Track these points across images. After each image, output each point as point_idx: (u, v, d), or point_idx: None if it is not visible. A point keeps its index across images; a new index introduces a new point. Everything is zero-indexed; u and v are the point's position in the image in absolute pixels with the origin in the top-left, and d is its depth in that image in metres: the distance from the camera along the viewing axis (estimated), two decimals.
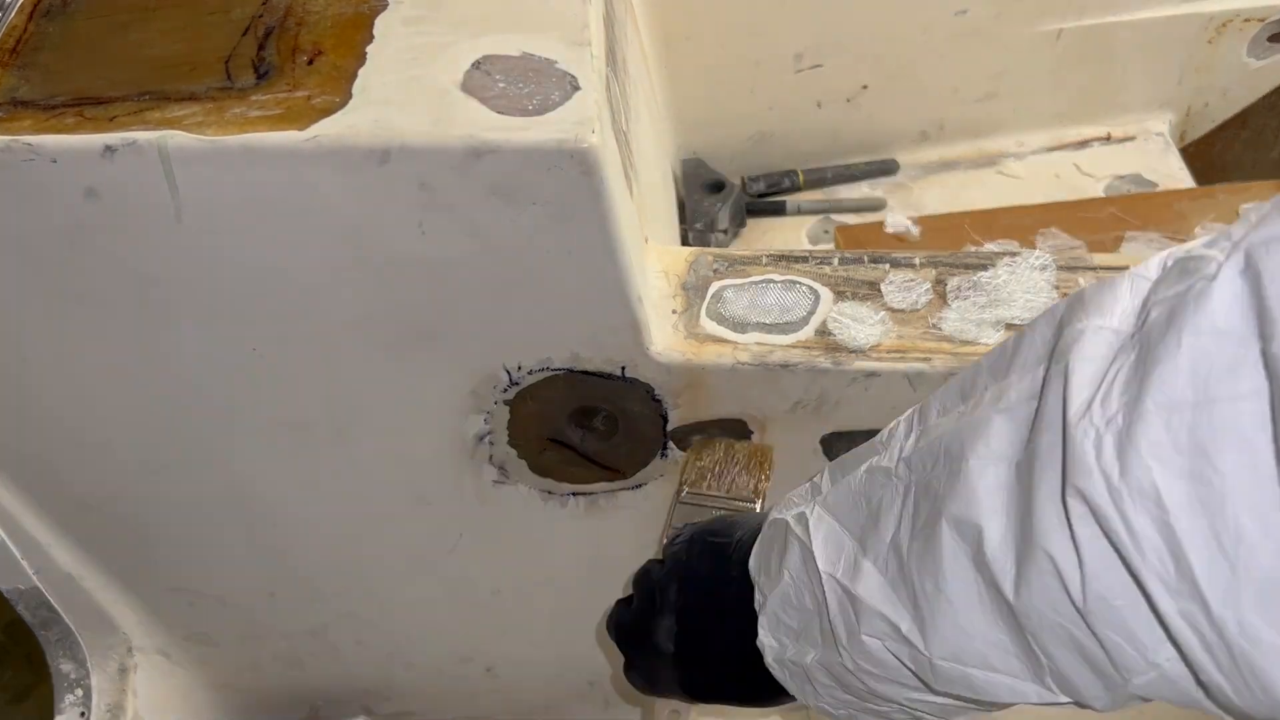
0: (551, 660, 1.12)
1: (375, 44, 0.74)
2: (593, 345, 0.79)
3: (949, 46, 1.43)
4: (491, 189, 0.69)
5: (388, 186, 0.69)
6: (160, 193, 0.69)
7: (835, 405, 0.83)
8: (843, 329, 0.80)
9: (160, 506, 0.93)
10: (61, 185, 0.69)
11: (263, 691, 1.15)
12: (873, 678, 0.49)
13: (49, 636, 1.04)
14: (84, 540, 0.97)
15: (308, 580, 1.02)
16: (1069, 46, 1.46)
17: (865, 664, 0.49)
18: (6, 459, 0.89)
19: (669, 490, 0.91)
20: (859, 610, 0.48)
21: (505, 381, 0.82)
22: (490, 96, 0.70)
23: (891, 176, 1.56)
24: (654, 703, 1.15)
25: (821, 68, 1.44)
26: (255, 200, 0.70)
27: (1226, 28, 1.46)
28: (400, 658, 1.11)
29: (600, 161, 0.68)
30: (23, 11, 0.78)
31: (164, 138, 0.67)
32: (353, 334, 0.79)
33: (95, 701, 1.07)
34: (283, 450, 0.88)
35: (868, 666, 0.49)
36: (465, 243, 0.72)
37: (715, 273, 0.86)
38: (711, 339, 0.81)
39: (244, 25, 0.76)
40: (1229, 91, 1.53)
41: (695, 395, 0.83)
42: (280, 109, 0.69)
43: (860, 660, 0.49)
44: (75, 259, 0.73)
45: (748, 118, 1.49)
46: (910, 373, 0.80)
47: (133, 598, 1.04)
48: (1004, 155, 1.56)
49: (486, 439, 0.87)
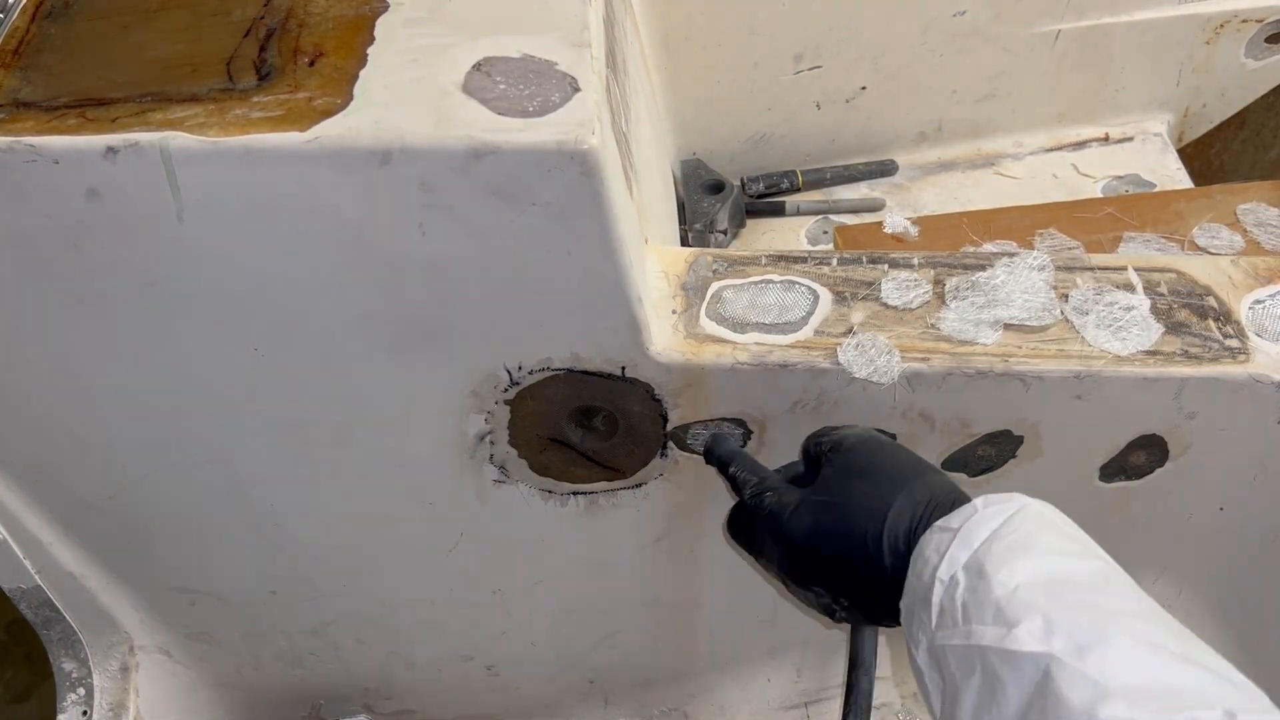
0: (551, 659, 1.13)
1: (376, 45, 0.74)
2: (593, 345, 0.80)
3: (948, 48, 1.44)
4: (492, 190, 0.70)
5: (389, 187, 0.69)
6: (162, 193, 0.69)
7: (834, 405, 0.83)
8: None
9: (162, 506, 0.94)
10: (63, 186, 0.69)
11: (264, 690, 1.15)
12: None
13: (51, 635, 1.04)
14: (86, 539, 0.97)
15: (309, 579, 1.02)
16: (1067, 47, 1.46)
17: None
18: (8, 458, 0.89)
19: (669, 490, 0.92)
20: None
21: (506, 381, 0.82)
22: (491, 98, 0.70)
23: (890, 177, 1.56)
24: (653, 700, 1.16)
25: (821, 69, 1.44)
26: (257, 201, 0.70)
27: (1224, 29, 1.46)
28: (401, 656, 1.12)
29: (600, 163, 0.68)
30: (25, 13, 0.78)
31: (166, 139, 0.67)
32: (354, 334, 0.79)
33: (97, 700, 1.07)
34: (284, 449, 0.88)
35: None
36: (466, 243, 0.73)
37: (715, 273, 0.86)
38: (711, 339, 0.81)
39: (245, 27, 0.76)
40: (1227, 92, 1.54)
41: (695, 395, 0.83)
42: (282, 110, 0.69)
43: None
44: (77, 259, 0.73)
45: (747, 119, 1.49)
46: (909, 372, 0.80)
47: (134, 597, 1.04)
48: (1002, 156, 1.56)
49: (487, 439, 0.87)
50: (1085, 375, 0.80)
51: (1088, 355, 0.81)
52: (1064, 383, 0.81)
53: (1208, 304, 0.84)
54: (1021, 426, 0.85)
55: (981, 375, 0.80)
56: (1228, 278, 0.86)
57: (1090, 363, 0.80)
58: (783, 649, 1.12)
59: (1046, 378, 0.80)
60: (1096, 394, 0.81)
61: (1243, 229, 1.26)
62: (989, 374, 0.80)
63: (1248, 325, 0.83)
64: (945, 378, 0.81)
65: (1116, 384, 0.81)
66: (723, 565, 1.00)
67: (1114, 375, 0.80)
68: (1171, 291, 0.85)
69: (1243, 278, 0.86)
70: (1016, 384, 0.81)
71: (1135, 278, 0.86)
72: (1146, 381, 0.80)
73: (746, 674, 1.15)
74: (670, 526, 0.96)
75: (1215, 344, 0.81)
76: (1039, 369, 0.80)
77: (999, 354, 0.81)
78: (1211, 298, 0.84)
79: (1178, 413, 0.83)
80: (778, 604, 1.05)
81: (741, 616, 1.07)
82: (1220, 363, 0.80)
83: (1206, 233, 1.26)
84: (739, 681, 1.15)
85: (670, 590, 1.04)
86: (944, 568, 0.59)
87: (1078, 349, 0.81)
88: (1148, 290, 0.85)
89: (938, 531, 0.62)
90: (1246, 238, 1.25)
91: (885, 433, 0.80)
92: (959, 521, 0.61)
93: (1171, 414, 0.83)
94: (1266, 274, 0.86)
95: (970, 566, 0.58)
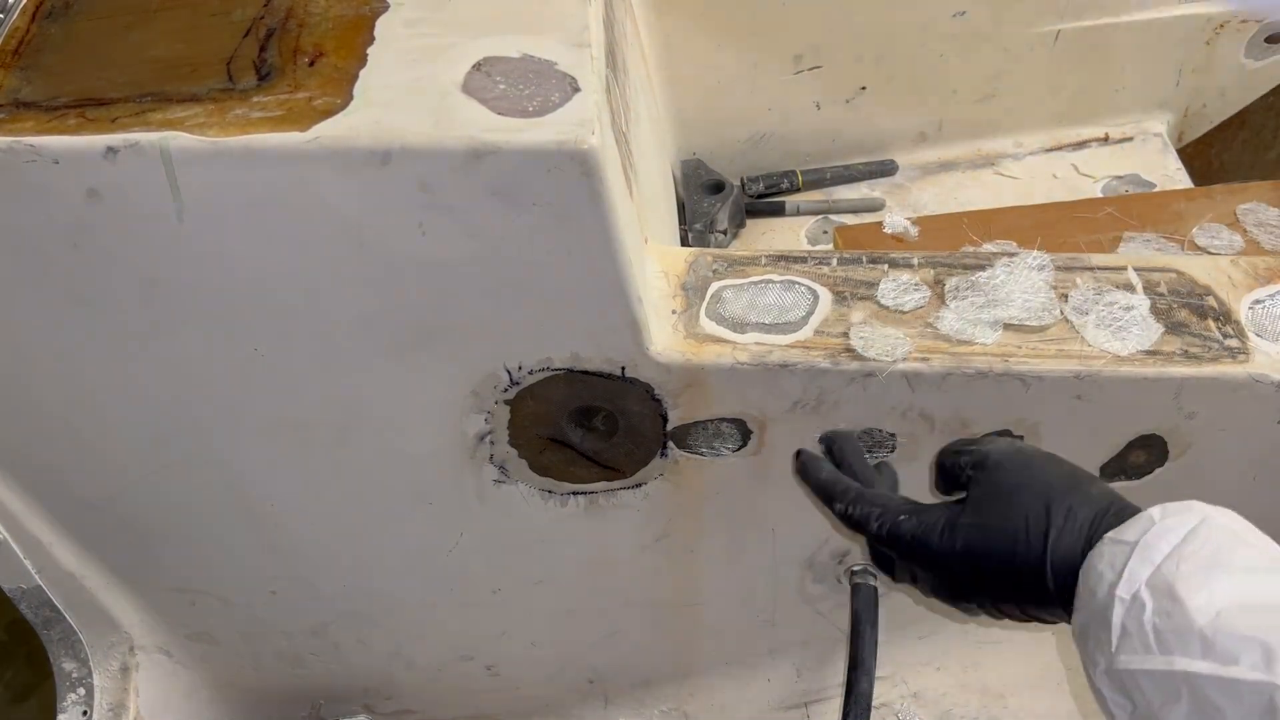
0: (551, 659, 1.13)
1: (376, 45, 0.74)
2: (593, 345, 0.80)
3: (947, 48, 1.44)
4: (492, 190, 0.70)
5: (388, 187, 0.69)
6: (162, 194, 0.69)
7: (834, 404, 0.83)
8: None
9: (162, 506, 0.94)
10: (63, 186, 0.69)
11: (264, 690, 1.15)
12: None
13: (51, 635, 1.04)
14: (86, 540, 0.97)
15: (309, 579, 1.02)
16: (1067, 48, 1.46)
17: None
18: (9, 459, 0.89)
19: (669, 490, 0.92)
20: None
21: (506, 381, 0.82)
22: (491, 98, 0.70)
23: (890, 177, 1.56)
24: (653, 700, 1.16)
25: (821, 69, 1.44)
26: (257, 201, 0.70)
27: (1224, 29, 1.46)
28: (401, 656, 1.12)
29: (600, 163, 0.68)
30: (25, 13, 0.78)
31: (166, 139, 0.67)
32: (354, 334, 0.79)
33: (97, 700, 1.07)
34: (284, 449, 0.88)
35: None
36: (465, 243, 0.73)
37: (715, 273, 0.86)
38: (711, 339, 0.82)
39: (245, 27, 0.76)
40: (1227, 92, 1.54)
41: (695, 395, 0.83)
42: (282, 110, 0.69)
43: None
44: (77, 259, 0.73)
45: (747, 118, 1.49)
46: (909, 372, 0.81)
47: (135, 597, 1.04)
48: (1002, 156, 1.56)
49: (487, 438, 0.87)
50: (1085, 375, 0.80)
51: (1088, 355, 0.81)
52: (1064, 383, 0.81)
53: (1208, 304, 0.84)
54: (1021, 426, 0.85)
55: (981, 375, 0.80)
56: (1228, 278, 0.86)
57: (1090, 363, 0.80)
58: (783, 649, 1.12)
59: (1046, 378, 0.80)
60: (1096, 394, 0.81)
61: (1243, 229, 1.26)
62: (989, 374, 0.80)
63: (1248, 325, 0.83)
64: (945, 378, 0.81)
65: (1116, 384, 0.81)
66: (723, 565, 1.00)
67: (1114, 375, 0.80)
68: (1171, 291, 0.85)
69: (1243, 278, 0.86)
70: (1016, 384, 0.81)
71: (1135, 278, 0.86)
72: (1146, 381, 0.80)
73: (746, 674, 1.15)
74: (670, 526, 0.96)
75: (1215, 344, 0.81)
76: (1039, 369, 0.80)
77: (999, 354, 0.81)
78: (1211, 298, 0.84)
79: (1178, 413, 0.83)
80: (778, 604, 1.05)
81: (741, 616, 1.07)
82: (1220, 363, 0.80)
83: (1206, 233, 1.26)
84: (739, 681, 1.15)
85: (670, 590, 1.04)
86: (1123, 585, 0.57)
87: (1078, 349, 0.81)
88: (1148, 290, 0.85)
89: (1110, 544, 0.59)
90: (1246, 238, 1.25)
91: (1013, 436, 0.78)
92: (1135, 534, 0.58)
93: (1171, 414, 0.83)
94: (1266, 274, 0.86)
95: (1156, 586, 0.56)
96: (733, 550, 0.99)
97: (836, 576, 1.01)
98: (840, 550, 0.99)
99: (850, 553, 0.99)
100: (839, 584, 1.01)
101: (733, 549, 0.99)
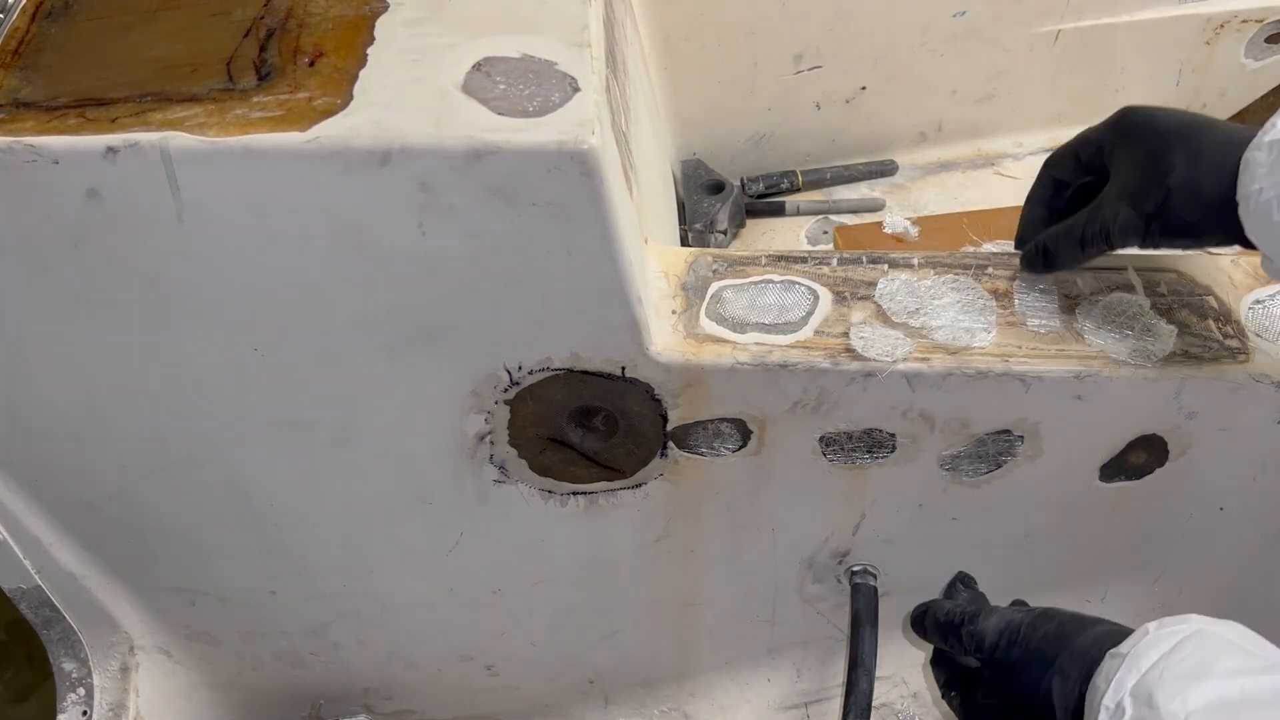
0: (551, 659, 1.13)
1: (376, 46, 0.74)
2: (593, 345, 0.80)
3: (947, 48, 1.44)
4: (491, 190, 0.70)
5: (388, 187, 0.69)
6: (162, 193, 0.69)
7: (834, 405, 0.83)
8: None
9: (162, 506, 0.94)
10: (63, 186, 0.69)
11: (264, 690, 1.15)
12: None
13: (51, 635, 1.04)
14: (86, 539, 0.97)
15: (309, 579, 1.02)
16: (1067, 48, 1.46)
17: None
18: (9, 458, 0.89)
19: (669, 490, 0.92)
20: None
21: (505, 381, 0.82)
22: (491, 98, 0.70)
23: (890, 177, 1.56)
24: (653, 700, 1.16)
25: (820, 69, 1.44)
26: (256, 201, 0.70)
27: (1224, 29, 1.46)
28: (401, 656, 1.12)
29: (600, 163, 0.68)
30: (25, 13, 0.78)
31: (166, 139, 0.67)
32: (354, 334, 0.79)
33: (97, 700, 1.07)
34: (284, 449, 0.88)
35: None
36: (465, 243, 0.73)
37: (715, 273, 0.86)
38: (711, 339, 0.82)
39: (245, 27, 0.76)
40: (1227, 92, 1.54)
41: (695, 395, 0.83)
42: (282, 110, 0.69)
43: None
44: (77, 259, 0.73)
45: (747, 119, 1.49)
46: (909, 372, 0.81)
47: (134, 597, 1.04)
48: (1002, 156, 1.56)
49: (487, 438, 0.87)
50: (1085, 375, 0.80)
51: (1087, 355, 0.81)
52: (1064, 383, 0.81)
53: (1208, 304, 0.84)
54: (1021, 426, 0.85)
55: (981, 375, 0.80)
56: (1228, 278, 0.86)
57: (1090, 363, 0.80)
58: (783, 649, 1.12)
59: (1046, 378, 0.80)
60: (1096, 394, 0.81)
61: None
62: (989, 374, 0.80)
63: (1248, 325, 0.83)
64: (945, 378, 0.81)
65: (1116, 384, 0.81)
66: (723, 565, 1.00)
67: (1114, 375, 0.80)
68: (1171, 291, 0.85)
69: (1243, 278, 0.86)
70: (1016, 384, 0.81)
71: (1135, 278, 0.86)
72: (1146, 381, 0.80)
73: (746, 674, 1.15)
74: (670, 526, 0.96)
75: (1215, 344, 0.81)
76: (1039, 369, 0.80)
77: (999, 354, 0.81)
78: (1211, 298, 0.84)
79: (1178, 413, 0.83)
80: (778, 604, 1.05)
81: (741, 616, 1.07)
82: (1220, 363, 0.80)
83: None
84: (739, 681, 1.15)
85: (670, 590, 1.04)
86: (1109, 694, 0.59)
87: (1078, 349, 0.81)
88: (1148, 290, 0.85)
89: (1109, 659, 0.62)
90: None
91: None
92: (1129, 646, 0.61)
93: (1171, 414, 0.83)
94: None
95: (1138, 694, 0.57)
96: (732, 550, 0.99)
97: (836, 576, 1.01)
98: (840, 550, 0.99)
99: (850, 553, 0.99)
100: (839, 584, 1.01)
101: (732, 549, 0.99)
